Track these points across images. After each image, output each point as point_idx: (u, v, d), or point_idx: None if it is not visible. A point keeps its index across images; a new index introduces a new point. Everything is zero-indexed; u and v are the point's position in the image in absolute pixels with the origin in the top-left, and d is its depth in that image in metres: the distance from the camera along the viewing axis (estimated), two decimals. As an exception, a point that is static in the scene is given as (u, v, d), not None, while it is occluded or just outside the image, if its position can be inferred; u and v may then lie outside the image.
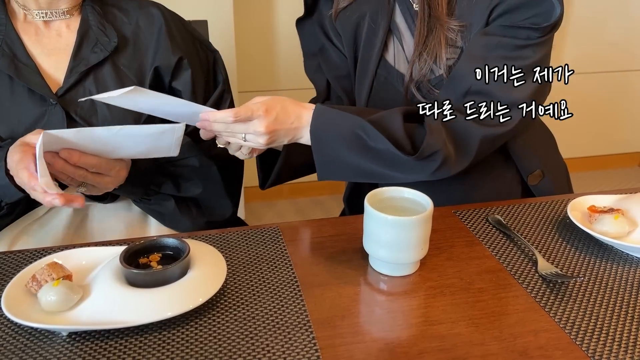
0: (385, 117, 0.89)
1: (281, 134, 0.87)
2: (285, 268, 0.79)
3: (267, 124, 0.84)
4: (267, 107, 0.85)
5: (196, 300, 0.68)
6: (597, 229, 0.84)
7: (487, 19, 0.95)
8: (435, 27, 0.97)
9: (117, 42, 0.99)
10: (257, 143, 0.87)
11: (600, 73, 2.79)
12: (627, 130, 2.99)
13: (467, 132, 0.91)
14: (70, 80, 0.97)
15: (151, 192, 1.00)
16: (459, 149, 0.91)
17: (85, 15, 1.00)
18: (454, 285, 0.75)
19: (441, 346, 0.65)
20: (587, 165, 2.97)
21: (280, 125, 0.86)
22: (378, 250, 0.76)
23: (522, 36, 0.92)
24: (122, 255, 0.72)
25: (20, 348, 0.64)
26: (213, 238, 0.86)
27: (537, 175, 1.10)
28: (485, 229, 0.89)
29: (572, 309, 0.71)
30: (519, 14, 0.92)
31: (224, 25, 2.02)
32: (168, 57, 1.02)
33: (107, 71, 0.99)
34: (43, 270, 0.69)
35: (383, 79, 1.06)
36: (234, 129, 0.85)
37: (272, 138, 0.86)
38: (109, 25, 1.01)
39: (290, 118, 0.87)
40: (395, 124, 0.88)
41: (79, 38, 0.99)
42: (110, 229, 1.02)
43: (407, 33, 1.04)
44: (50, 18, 0.99)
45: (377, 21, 1.05)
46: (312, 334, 0.66)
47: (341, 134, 0.88)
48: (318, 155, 0.90)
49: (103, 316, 0.66)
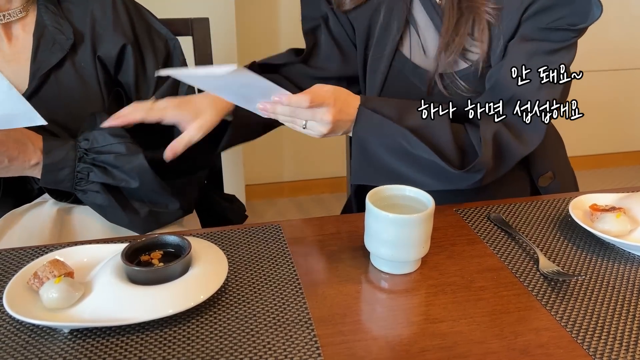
0: (430, 126, 0.89)
1: (341, 125, 0.87)
2: (287, 266, 0.79)
3: (334, 114, 0.84)
4: (335, 97, 0.84)
5: (197, 298, 0.68)
6: (599, 228, 0.83)
7: (522, 15, 0.93)
8: (465, 12, 0.95)
9: (74, 38, 0.97)
10: (316, 131, 0.86)
11: (604, 71, 2.79)
12: (630, 128, 2.98)
13: (510, 149, 0.92)
14: (33, 85, 0.95)
15: (81, 182, 0.94)
16: (498, 164, 0.92)
17: (39, 16, 0.98)
18: (455, 284, 0.75)
19: (442, 344, 0.65)
20: (589, 164, 2.97)
21: (342, 117, 0.86)
22: (379, 248, 0.76)
23: (557, 38, 0.92)
24: (124, 252, 0.72)
25: (21, 345, 0.64)
26: (214, 236, 0.86)
27: (548, 177, 1.10)
28: (487, 227, 0.89)
29: (574, 307, 0.71)
30: (555, 11, 0.91)
31: (225, 23, 2.02)
32: (110, 46, 0.99)
33: (67, 70, 0.97)
34: (45, 268, 0.69)
35: (397, 72, 1.05)
36: (300, 115, 0.84)
37: (333, 128, 0.86)
38: (65, 21, 0.98)
39: (351, 110, 0.88)
40: (442, 134, 0.89)
41: (35, 41, 0.96)
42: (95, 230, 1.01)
43: (428, 23, 1.02)
44: (9, 19, 0.96)
45: (393, 13, 1.04)
46: (313, 332, 0.66)
47: (384, 140, 0.88)
48: (357, 156, 0.90)
49: (104, 313, 0.66)
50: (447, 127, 0.90)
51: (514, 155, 0.93)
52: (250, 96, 0.84)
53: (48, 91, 0.96)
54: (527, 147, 0.93)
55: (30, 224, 0.99)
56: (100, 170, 0.94)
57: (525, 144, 0.93)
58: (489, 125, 0.91)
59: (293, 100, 0.81)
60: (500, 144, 0.92)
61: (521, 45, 0.93)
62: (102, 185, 0.95)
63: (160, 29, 1.08)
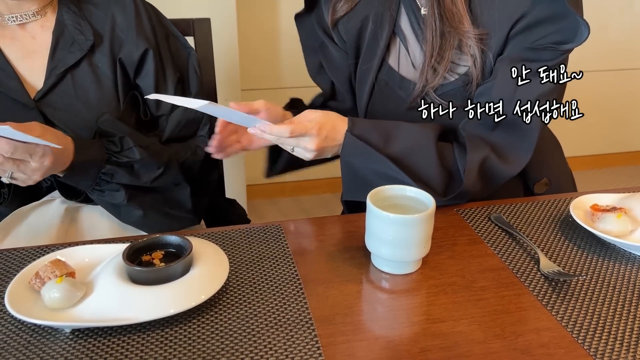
0: (415, 153, 0.91)
1: (327, 150, 0.91)
2: (288, 266, 0.79)
3: (318, 143, 0.88)
4: (320, 126, 0.87)
5: (199, 298, 0.68)
6: (600, 228, 0.83)
7: (509, 31, 0.93)
8: (449, 36, 0.95)
9: (93, 39, 0.98)
10: (303, 156, 0.91)
11: (604, 72, 2.78)
12: (630, 129, 2.98)
13: (496, 172, 0.94)
14: (49, 83, 0.96)
15: (102, 183, 0.96)
16: (483, 187, 0.94)
17: (60, 16, 0.99)
18: (456, 284, 0.75)
19: (443, 344, 0.65)
20: (590, 164, 2.97)
21: (328, 143, 0.89)
22: (380, 248, 0.77)
23: (547, 57, 0.92)
24: (125, 252, 0.72)
25: (23, 345, 0.64)
26: (216, 236, 0.86)
27: (544, 184, 1.09)
28: (488, 227, 0.89)
29: (574, 307, 0.71)
30: (543, 28, 0.91)
31: (227, 24, 2.02)
32: (133, 49, 1.00)
33: (84, 70, 0.98)
34: (46, 268, 0.69)
35: (384, 84, 1.05)
36: (285, 142, 0.88)
37: (319, 154, 0.90)
38: (85, 22, 0.99)
39: (338, 135, 0.91)
40: (427, 163, 0.91)
41: (54, 39, 0.98)
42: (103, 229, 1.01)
43: (412, 37, 1.02)
44: (22, 21, 0.97)
45: (380, 25, 1.03)
46: (314, 332, 0.66)
47: (370, 166, 0.91)
48: (346, 178, 0.93)
49: (106, 313, 0.66)
50: (433, 152, 0.91)
51: (500, 178, 0.95)
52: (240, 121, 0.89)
53: (63, 89, 0.97)
54: (514, 168, 0.95)
55: (38, 222, 1.00)
56: (126, 171, 0.96)
57: (512, 165, 0.94)
58: (476, 152, 0.91)
59: (274, 130, 0.85)
60: (487, 170, 0.93)
61: (510, 66, 0.92)
62: (122, 185, 0.97)
63: (178, 36, 1.10)
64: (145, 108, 1.05)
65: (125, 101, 1.02)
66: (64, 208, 1.01)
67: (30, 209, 1.01)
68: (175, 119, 1.05)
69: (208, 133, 1.08)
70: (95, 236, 0.99)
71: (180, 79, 1.06)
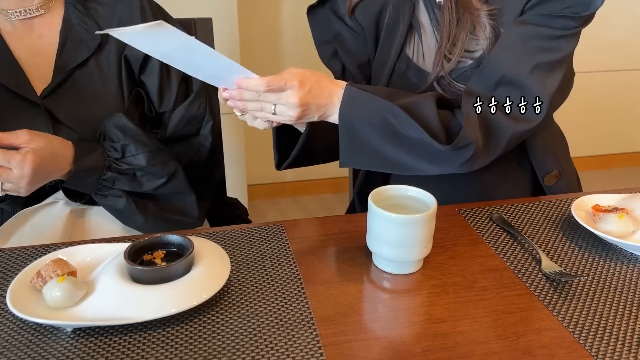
0: (418, 104, 0.87)
1: (313, 108, 0.84)
2: (289, 265, 0.79)
3: (301, 96, 0.81)
4: (301, 78, 0.81)
5: (200, 297, 0.68)
6: (602, 228, 0.83)
7: (524, 6, 0.92)
8: (463, 16, 0.94)
9: (100, 38, 0.98)
10: (287, 116, 0.83)
11: (605, 72, 2.78)
12: (633, 129, 2.98)
13: (499, 126, 0.89)
14: (56, 81, 0.96)
15: (104, 189, 0.97)
16: (488, 143, 0.89)
17: (67, 14, 1.00)
18: (457, 284, 0.75)
19: (444, 344, 0.65)
20: (591, 164, 2.96)
21: (313, 99, 0.83)
22: (381, 248, 0.77)
23: (558, 25, 0.90)
24: (127, 251, 0.72)
25: (25, 343, 0.64)
26: (217, 235, 0.86)
27: (554, 176, 1.08)
28: (489, 228, 0.89)
29: (576, 308, 0.71)
30: (558, 2, 0.90)
31: (228, 23, 2.02)
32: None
33: (91, 69, 0.99)
34: (48, 267, 0.69)
35: (401, 73, 1.05)
36: (265, 98, 0.81)
37: (303, 112, 0.83)
38: (92, 21, 1.00)
39: (324, 93, 0.84)
40: (429, 111, 0.86)
41: (62, 38, 0.98)
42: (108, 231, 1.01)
43: (430, 28, 1.02)
44: (25, 15, 0.98)
45: (399, 14, 1.03)
46: (316, 332, 0.66)
47: (371, 119, 0.85)
48: (344, 138, 0.87)
49: (107, 312, 0.66)
50: (433, 104, 0.88)
51: (505, 131, 0.89)
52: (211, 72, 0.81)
53: (69, 87, 0.98)
54: (523, 124, 0.90)
55: (42, 223, 1.00)
56: (128, 178, 0.96)
57: (521, 121, 0.90)
58: (470, 98, 0.88)
59: (250, 84, 0.79)
60: (488, 122, 0.89)
61: (517, 27, 0.91)
62: (125, 191, 0.97)
63: None
64: (150, 105, 1.05)
65: (130, 98, 1.03)
66: (69, 210, 1.01)
67: (34, 210, 1.01)
68: (178, 115, 1.05)
69: (211, 131, 1.08)
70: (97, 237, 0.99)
71: (184, 77, 1.06)
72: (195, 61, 0.78)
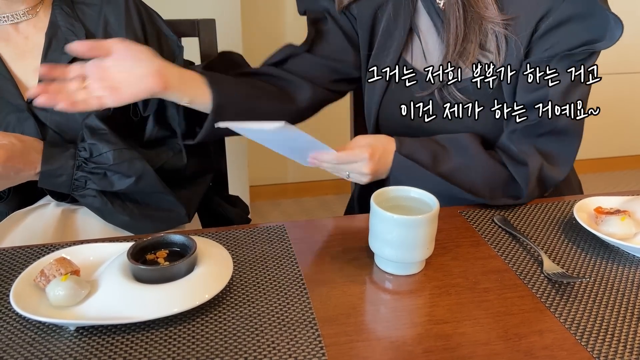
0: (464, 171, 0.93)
1: (381, 171, 0.93)
2: (291, 266, 0.79)
3: (371, 167, 0.89)
4: (372, 150, 0.89)
5: (202, 297, 0.68)
6: (604, 230, 0.83)
7: (535, 26, 0.92)
8: (474, 24, 0.94)
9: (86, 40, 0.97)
10: (360, 181, 0.93)
11: (608, 75, 2.76)
12: (636, 132, 2.98)
13: (549, 179, 0.97)
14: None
15: (78, 189, 0.96)
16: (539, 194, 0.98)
17: (53, 17, 0.99)
18: (460, 285, 0.76)
19: (446, 345, 0.65)
20: (594, 167, 2.96)
21: (382, 166, 0.92)
22: (384, 249, 0.77)
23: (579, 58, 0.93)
24: (130, 251, 0.72)
25: (28, 342, 0.64)
26: (220, 235, 0.86)
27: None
28: (491, 229, 0.89)
29: (578, 309, 0.71)
30: (572, 25, 0.91)
31: (231, 25, 2.03)
32: None
33: None
34: (51, 266, 0.69)
35: (400, 79, 1.04)
36: (339, 168, 0.90)
37: (373, 177, 0.92)
38: (78, 23, 0.99)
39: (390, 158, 0.92)
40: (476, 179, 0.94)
41: (47, 40, 0.98)
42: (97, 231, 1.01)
43: (431, 31, 1.01)
44: (13, 20, 0.97)
45: (398, 16, 1.02)
46: (318, 332, 0.66)
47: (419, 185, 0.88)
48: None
49: (110, 311, 0.66)
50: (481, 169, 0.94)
51: (551, 184, 0.98)
52: (296, 148, 0.89)
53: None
54: (563, 172, 0.98)
55: (34, 225, 1.00)
56: (98, 178, 0.95)
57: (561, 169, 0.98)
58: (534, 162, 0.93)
59: (324, 158, 0.87)
60: (542, 177, 0.96)
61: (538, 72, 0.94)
62: (99, 190, 0.96)
63: (169, 34, 1.08)
64: (135, 108, 1.05)
65: None
66: (60, 210, 1.01)
67: (27, 212, 1.01)
68: (153, 118, 1.04)
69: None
70: (90, 237, 0.99)
71: None
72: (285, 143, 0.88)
